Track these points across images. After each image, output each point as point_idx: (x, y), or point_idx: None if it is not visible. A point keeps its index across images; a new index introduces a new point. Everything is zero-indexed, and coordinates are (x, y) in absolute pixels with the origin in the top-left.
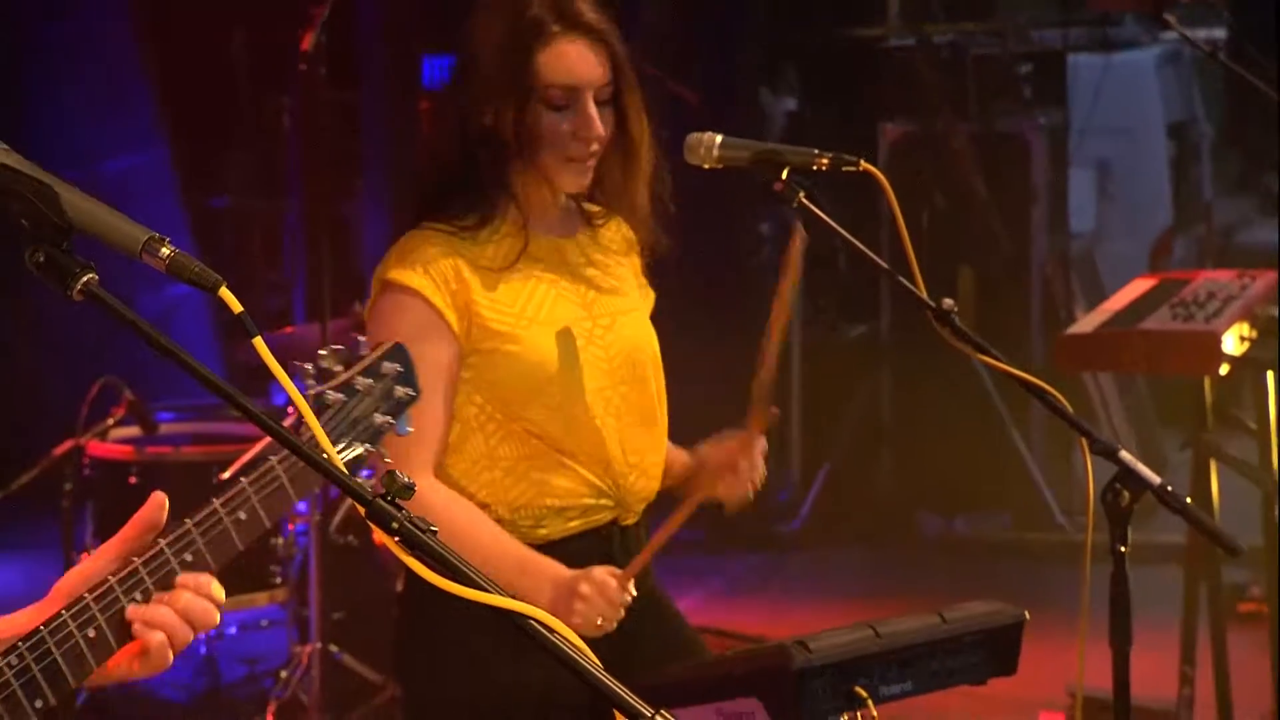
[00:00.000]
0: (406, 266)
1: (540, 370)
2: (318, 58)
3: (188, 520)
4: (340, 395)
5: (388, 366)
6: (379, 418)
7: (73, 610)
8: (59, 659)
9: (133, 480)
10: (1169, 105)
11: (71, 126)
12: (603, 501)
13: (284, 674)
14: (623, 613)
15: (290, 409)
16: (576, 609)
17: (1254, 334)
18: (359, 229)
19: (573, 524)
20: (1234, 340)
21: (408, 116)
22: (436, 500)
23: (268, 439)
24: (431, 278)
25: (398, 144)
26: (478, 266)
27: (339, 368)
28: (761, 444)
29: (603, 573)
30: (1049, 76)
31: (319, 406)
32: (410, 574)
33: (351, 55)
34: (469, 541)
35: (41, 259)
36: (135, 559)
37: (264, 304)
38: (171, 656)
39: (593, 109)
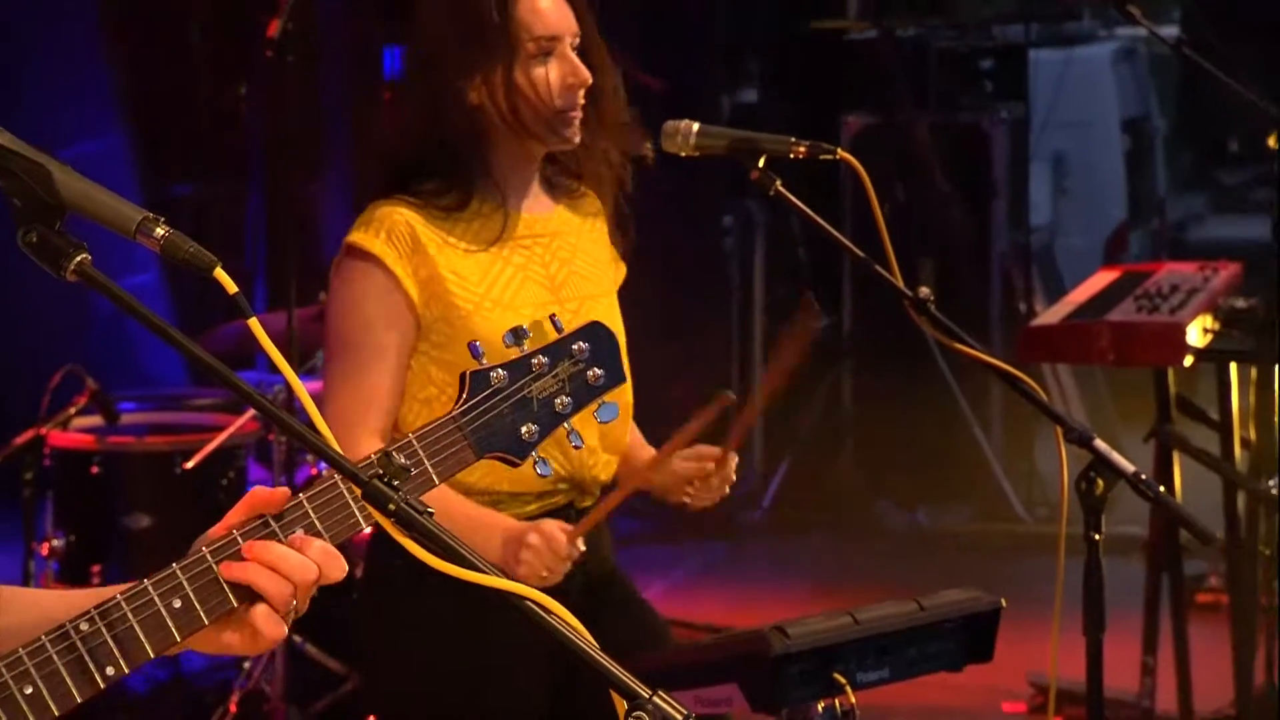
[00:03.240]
0: (370, 232)
1: (496, 353)
2: (285, 45)
3: (301, 494)
4: (503, 373)
5: (578, 347)
6: (560, 401)
7: (156, 579)
8: (136, 627)
9: (94, 470)
10: (1124, 100)
11: (31, 112)
12: (559, 486)
13: (247, 664)
14: (569, 567)
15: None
16: (523, 558)
17: (1216, 326)
18: (322, 218)
19: (529, 508)
20: (1198, 332)
21: (370, 106)
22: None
23: (233, 426)
24: (394, 245)
25: (359, 133)
26: (446, 242)
27: (519, 347)
28: (734, 460)
29: (552, 526)
30: (1009, 71)
31: (478, 383)
32: (370, 558)
33: (314, 43)
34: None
35: (34, 239)
36: (236, 531)
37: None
38: (281, 624)
39: (574, 55)
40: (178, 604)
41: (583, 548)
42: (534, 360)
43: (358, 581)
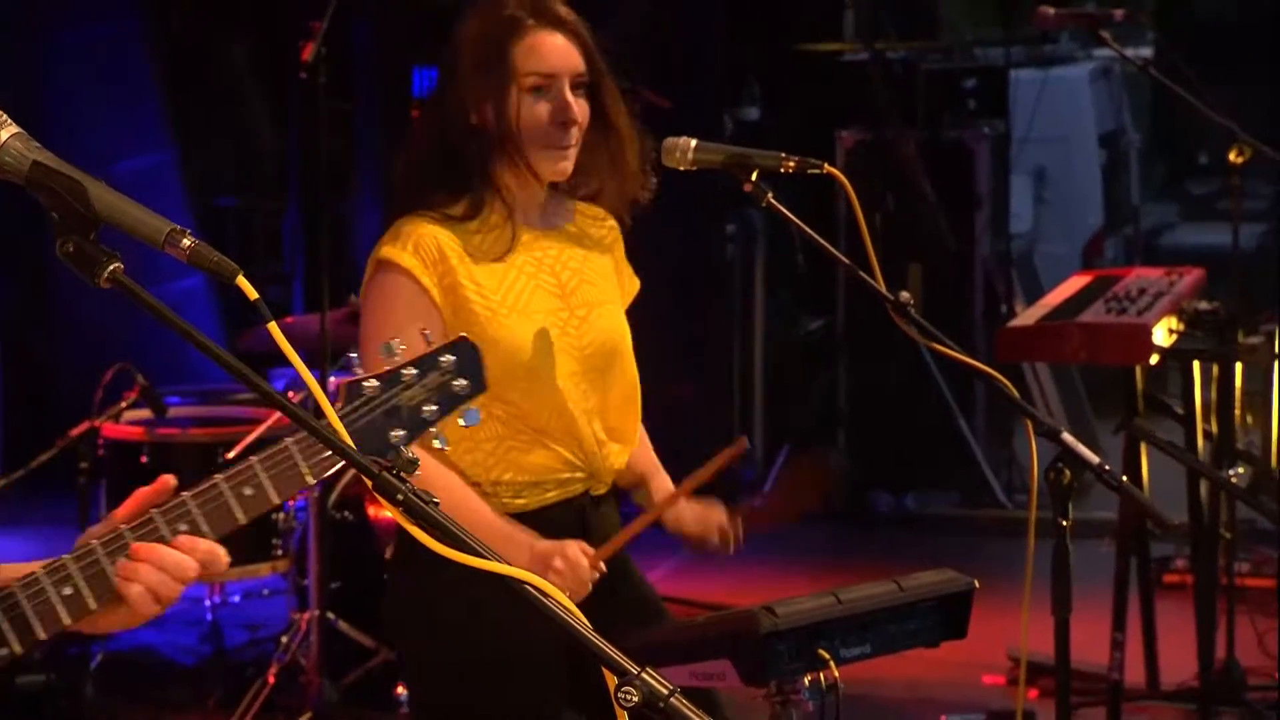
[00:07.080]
0: (397, 246)
1: (515, 356)
2: (317, 67)
3: (185, 494)
4: (375, 383)
5: (445, 360)
6: (426, 409)
7: (49, 568)
8: (28, 613)
9: (144, 460)
10: (1100, 116)
11: (86, 129)
12: (576, 475)
13: (284, 639)
14: (590, 589)
15: (292, 392)
16: (550, 580)
17: (1181, 326)
18: (354, 227)
19: (549, 495)
20: (1163, 332)
21: (399, 123)
22: (428, 472)
23: (270, 420)
24: (420, 257)
25: (389, 148)
26: (465, 252)
27: (392, 360)
28: (738, 529)
29: (576, 551)
30: (991, 90)
31: (353, 393)
32: (398, 542)
33: (347, 65)
34: (460, 510)
35: (71, 249)
36: (123, 525)
37: (265, 296)
38: (155, 605)
39: (569, 94)
40: (69, 591)
41: (604, 569)
42: (404, 372)
43: (388, 561)
